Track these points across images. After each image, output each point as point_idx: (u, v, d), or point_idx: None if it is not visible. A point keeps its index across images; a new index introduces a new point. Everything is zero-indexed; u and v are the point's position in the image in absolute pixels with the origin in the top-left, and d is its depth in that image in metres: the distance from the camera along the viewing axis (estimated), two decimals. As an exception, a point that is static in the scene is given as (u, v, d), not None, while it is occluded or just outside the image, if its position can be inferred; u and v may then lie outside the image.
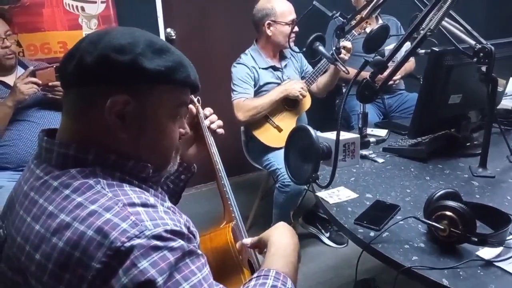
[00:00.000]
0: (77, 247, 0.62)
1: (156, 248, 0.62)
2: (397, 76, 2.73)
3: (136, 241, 0.61)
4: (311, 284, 2.22)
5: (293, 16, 2.32)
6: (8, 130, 1.97)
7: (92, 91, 0.72)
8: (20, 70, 2.07)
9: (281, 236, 0.89)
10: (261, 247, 0.93)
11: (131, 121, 0.73)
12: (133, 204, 0.67)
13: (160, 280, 0.60)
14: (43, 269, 0.64)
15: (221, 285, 0.70)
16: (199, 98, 1.17)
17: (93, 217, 0.63)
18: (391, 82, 2.72)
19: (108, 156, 0.73)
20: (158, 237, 0.63)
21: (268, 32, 2.32)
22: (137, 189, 0.73)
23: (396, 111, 2.80)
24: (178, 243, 0.65)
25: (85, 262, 0.61)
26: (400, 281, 0.98)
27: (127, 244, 0.61)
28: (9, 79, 2.04)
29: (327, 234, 2.56)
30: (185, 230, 0.69)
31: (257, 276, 0.78)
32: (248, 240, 0.99)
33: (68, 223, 0.64)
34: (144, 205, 0.68)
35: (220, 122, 1.19)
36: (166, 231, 0.64)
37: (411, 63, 2.89)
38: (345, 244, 2.51)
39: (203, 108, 1.17)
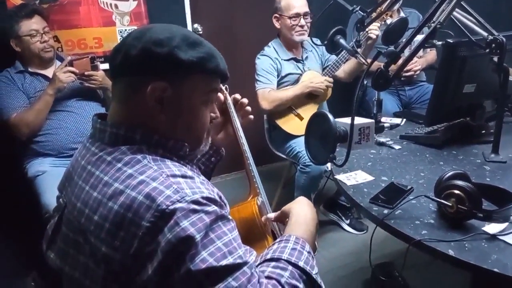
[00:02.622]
0: (129, 209, 0.73)
1: (194, 211, 0.74)
2: (418, 67, 2.79)
3: (178, 205, 0.73)
4: (332, 267, 2.31)
5: (297, 10, 2.39)
6: (49, 120, 2.13)
7: (136, 79, 0.84)
8: (58, 64, 2.22)
9: (301, 208, 1.01)
10: (283, 218, 1.04)
11: (168, 105, 0.85)
12: (174, 175, 0.78)
13: (198, 236, 0.72)
14: (101, 227, 0.76)
15: (248, 247, 0.82)
16: (227, 86, 1.28)
17: (142, 185, 0.75)
18: (411, 73, 2.77)
19: (152, 135, 0.85)
20: (196, 202, 0.74)
21: (277, 25, 2.47)
22: (176, 163, 0.84)
23: (417, 102, 2.85)
24: (212, 208, 0.76)
25: (137, 221, 0.73)
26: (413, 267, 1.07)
27: (171, 207, 0.72)
28: (48, 72, 2.20)
29: (348, 221, 2.66)
30: (217, 198, 0.80)
31: (279, 241, 0.90)
32: (272, 215, 1.11)
33: (121, 190, 0.76)
34: (184, 176, 0.80)
35: (249, 108, 1.29)
36: (202, 197, 0.76)
37: (433, 55, 2.93)
38: (365, 231, 2.60)
39: (230, 95, 1.28)
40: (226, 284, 0.72)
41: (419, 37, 1.29)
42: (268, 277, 0.80)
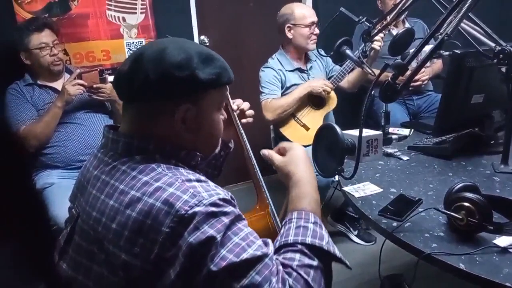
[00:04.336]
0: (148, 216, 0.75)
1: (213, 214, 0.75)
2: (426, 76, 2.79)
3: (196, 209, 0.74)
4: (340, 279, 2.28)
5: (312, 18, 2.44)
6: (58, 132, 2.14)
7: (159, 103, 0.85)
8: (67, 76, 2.25)
9: (301, 171, 0.96)
10: (280, 176, 1.01)
11: (191, 122, 0.87)
12: (189, 180, 0.80)
13: (218, 236, 0.73)
14: (120, 235, 0.76)
15: (264, 238, 0.81)
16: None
17: (159, 191, 0.76)
18: (419, 83, 2.77)
19: (165, 146, 0.87)
20: (213, 204, 0.76)
21: (289, 35, 2.47)
22: (189, 171, 0.86)
23: (426, 112, 2.84)
24: (230, 208, 0.78)
25: (156, 227, 0.74)
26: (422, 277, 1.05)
27: (190, 212, 0.73)
28: (57, 85, 2.22)
29: (356, 232, 2.63)
30: (231, 200, 0.81)
31: (283, 224, 0.89)
32: (265, 151, 1.06)
33: (138, 198, 0.77)
34: (198, 180, 0.81)
35: (251, 112, 1.31)
36: (219, 199, 0.77)
37: (439, 65, 2.93)
38: (373, 242, 2.57)
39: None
40: (250, 279, 0.73)
41: (426, 48, 1.29)
42: (282, 265, 0.80)
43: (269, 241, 0.82)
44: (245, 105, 1.30)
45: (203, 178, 0.83)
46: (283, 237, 0.85)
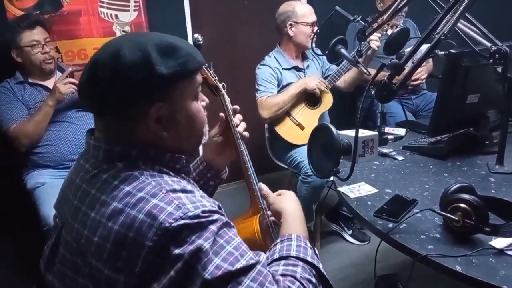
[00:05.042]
0: (130, 229, 0.71)
1: (200, 224, 0.72)
2: (424, 75, 2.79)
3: (182, 222, 0.71)
4: (334, 280, 2.24)
5: (313, 18, 2.45)
6: (49, 131, 2.11)
7: (128, 110, 0.80)
8: (58, 75, 2.22)
9: (293, 208, 1.02)
10: (272, 211, 1.06)
11: (167, 120, 0.83)
12: (174, 190, 0.76)
13: (206, 244, 0.71)
14: (102, 249, 0.73)
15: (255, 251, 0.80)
16: (224, 84, 1.22)
17: (142, 202, 0.73)
18: (418, 82, 2.78)
19: (149, 150, 0.83)
20: (199, 216, 0.73)
21: (290, 32, 2.45)
22: (174, 178, 0.82)
23: (424, 111, 2.85)
24: (217, 216, 0.75)
25: (139, 240, 0.70)
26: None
27: (174, 224, 0.70)
28: (49, 83, 2.19)
29: (350, 232, 2.63)
30: (218, 209, 0.79)
31: (281, 240, 0.89)
32: (263, 187, 1.10)
33: (120, 209, 0.73)
34: (184, 191, 0.78)
35: (244, 124, 1.23)
36: (204, 211, 0.74)
37: (431, 63, 2.93)
38: (367, 241, 2.57)
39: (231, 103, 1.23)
40: (245, 287, 0.71)
41: (423, 47, 1.28)
42: (282, 275, 0.79)
43: (261, 252, 0.81)
44: (239, 115, 1.24)
45: (189, 187, 0.80)
46: (284, 250, 0.85)
